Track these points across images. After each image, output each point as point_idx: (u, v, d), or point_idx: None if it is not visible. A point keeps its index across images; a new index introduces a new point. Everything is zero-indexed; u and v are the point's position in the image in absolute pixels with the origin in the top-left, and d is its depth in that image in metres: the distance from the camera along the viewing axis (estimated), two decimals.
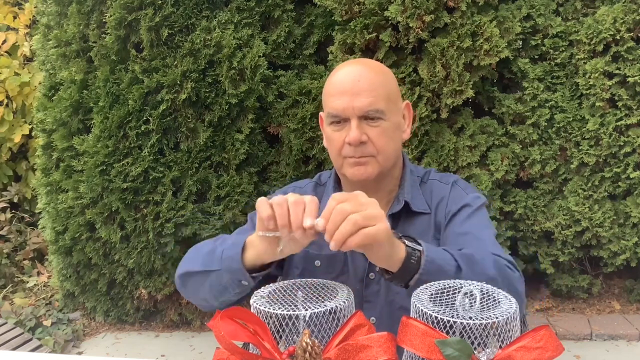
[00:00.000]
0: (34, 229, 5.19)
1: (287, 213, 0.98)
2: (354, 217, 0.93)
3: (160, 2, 3.62)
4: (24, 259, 5.03)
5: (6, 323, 3.96)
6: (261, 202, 1.00)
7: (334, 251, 0.97)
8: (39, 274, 4.88)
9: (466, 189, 1.36)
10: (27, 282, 4.74)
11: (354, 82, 1.23)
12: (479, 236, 1.22)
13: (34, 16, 5.07)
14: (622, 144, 3.57)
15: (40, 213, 4.27)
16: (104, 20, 3.74)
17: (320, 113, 1.33)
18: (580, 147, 3.66)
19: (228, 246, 1.15)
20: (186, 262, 1.28)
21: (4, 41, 5.23)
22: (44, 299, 4.51)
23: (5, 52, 5.23)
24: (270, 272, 1.16)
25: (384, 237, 0.96)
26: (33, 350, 3.72)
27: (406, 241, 1.03)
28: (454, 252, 1.07)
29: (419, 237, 1.09)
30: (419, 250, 1.02)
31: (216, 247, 1.19)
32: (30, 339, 3.86)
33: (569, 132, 3.69)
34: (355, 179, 1.27)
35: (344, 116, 1.23)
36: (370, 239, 0.94)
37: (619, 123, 3.56)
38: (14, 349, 3.66)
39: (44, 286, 4.70)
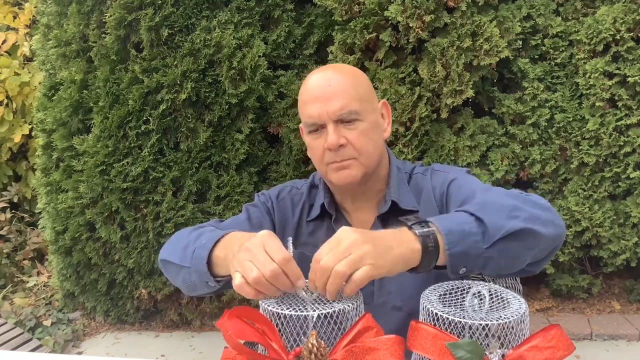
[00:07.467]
0: (34, 229, 5.19)
1: (274, 288, 0.94)
2: (338, 269, 0.89)
3: (160, 2, 3.61)
4: (24, 259, 5.02)
5: (6, 323, 3.96)
6: (241, 288, 0.96)
7: None
8: (39, 274, 4.87)
9: (445, 169, 1.35)
10: (27, 282, 4.74)
11: (324, 87, 1.22)
12: (479, 191, 1.19)
13: (34, 16, 5.07)
14: (622, 144, 3.57)
15: (40, 213, 4.27)
16: (104, 20, 3.74)
17: (300, 125, 1.32)
18: (580, 147, 3.67)
19: (200, 245, 1.15)
20: (167, 249, 1.29)
21: (4, 41, 5.22)
22: (44, 299, 4.50)
23: (5, 52, 5.23)
24: None
25: (377, 271, 0.91)
26: (33, 350, 3.71)
27: (417, 230, 0.96)
28: (466, 208, 1.03)
29: None
30: (433, 232, 0.96)
31: (190, 243, 1.19)
32: (30, 339, 3.86)
33: (569, 132, 3.69)
34: (340, 183, 1.26)
35: (320, 122, 1.23)
36: (365, 280, 0.90)
37: (619, 123, 3.56)
38: (14, 349, 3.66)
39: (44, 286, 4.69)
